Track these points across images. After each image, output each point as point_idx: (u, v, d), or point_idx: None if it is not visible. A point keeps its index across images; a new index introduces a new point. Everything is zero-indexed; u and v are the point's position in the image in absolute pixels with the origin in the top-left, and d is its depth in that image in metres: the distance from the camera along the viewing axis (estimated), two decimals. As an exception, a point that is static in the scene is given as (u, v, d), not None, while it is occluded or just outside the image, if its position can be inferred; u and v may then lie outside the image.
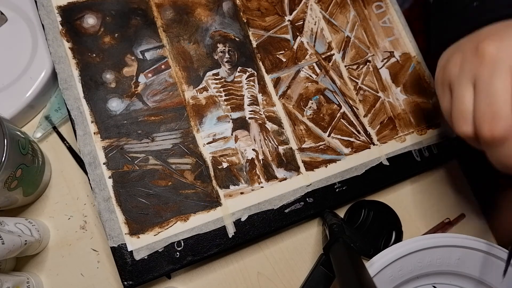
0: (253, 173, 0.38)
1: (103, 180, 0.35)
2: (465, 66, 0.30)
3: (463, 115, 0.29)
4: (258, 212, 0.38)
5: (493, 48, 0.28)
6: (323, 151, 0.41)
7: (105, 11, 0.39)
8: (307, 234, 0.41)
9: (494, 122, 0.27)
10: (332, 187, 0.40)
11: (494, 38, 0.29)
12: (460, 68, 0.30)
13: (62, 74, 0.37)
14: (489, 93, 0.27)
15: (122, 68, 0.38)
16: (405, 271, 0.37)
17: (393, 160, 0.42)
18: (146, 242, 0.35)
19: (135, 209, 0.35)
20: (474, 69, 0.29)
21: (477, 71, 0.28)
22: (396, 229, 0.42)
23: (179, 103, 0.39)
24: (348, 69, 0.44)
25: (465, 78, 0.29)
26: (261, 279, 0.39)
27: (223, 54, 0.41)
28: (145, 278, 0.34)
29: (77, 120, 0.36)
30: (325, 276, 0.38)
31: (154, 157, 0.37)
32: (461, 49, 0.32)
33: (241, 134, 0.39)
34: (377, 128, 0.43)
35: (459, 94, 0.30)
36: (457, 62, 0.31)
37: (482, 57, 0.28)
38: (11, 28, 0.39)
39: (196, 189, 0.37)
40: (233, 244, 0.36)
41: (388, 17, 0.47)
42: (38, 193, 0.38)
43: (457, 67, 0.31)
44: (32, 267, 0.37)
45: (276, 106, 0.41)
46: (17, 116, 0.38)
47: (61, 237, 0.38)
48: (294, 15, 0.44)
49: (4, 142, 0.30)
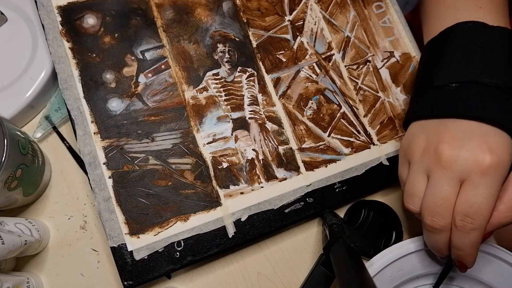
0: (253, 173, 0.39)
1: (103, 180, 0.35)
2: (425, 157, 0.32)
3: (412, 197, 0.33)
4: (258, 212, 0.38)
5: (450, 154, 0.30)
6: (323, 151, 0.41)
7: (105, 11, 0.39)
8: (307, 234, 0.41)
9: (434, 217, 0.31)
10: (332, 187, 0.40)
11: (455, 145, 0.31)
12: (421, 156, 0.33)
13: (62, 74, 0.37)
14: (436, 192, 0.31)
15: (122, 68, 0.38)
16: (405, 271, 0.37)
17: (393, 160, 0.42)
18: (146, 242, 0.35)
19: (135, 209, 0.35)
20: (430, 165, 0.32)
21: (432, 168, 0.31)
22: (396, 229, 0.42)
23: (179, 103, 0.39)
24: (348, 69, 0.44)
25: (421, 168, 0.32)
26: (261, 279, 0.39)
27: (223, 54, 0.41)
28: (145, 278, 0.34)
29: (77, 120, 0.36)
30: (325, 276, 0.38)
31: (154, 157, 0.37)
32: (427, 133, 0.33)
33: (241, 134, 0.39)
34: (377, 128, 0.43)
35: (413, 180, 0.33)
36: (420, 146, 0.33)
37: (439, 159, 0.31)
38: (11, 28, 0.39)
39: (196, 189, 0.37)
40: (233, 244, 0.36)
41: (388, 17, 0.47)
42: (38, 193, 0.38)
43: (419, 152, 0.33)
44: (32, 267, 0.37)
45: (276, 106, 0.41)
46: (17, 116, 0.38)
47: (61, 237, 0.38)
48: (294, 15, 0.44)
49: (4, 142, 0.30)
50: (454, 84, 0.33)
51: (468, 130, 0.31)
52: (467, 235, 0.30)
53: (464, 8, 0.37)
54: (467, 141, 0.31)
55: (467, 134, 0.31)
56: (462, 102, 0.32)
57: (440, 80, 0.34)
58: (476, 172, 0.29)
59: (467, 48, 0.34)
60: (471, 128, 0.31)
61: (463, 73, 0.33)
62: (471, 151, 0.30)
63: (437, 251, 0.34)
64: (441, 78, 0.34)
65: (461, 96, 0.33)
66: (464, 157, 0.30)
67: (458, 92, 0.33)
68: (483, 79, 0.32)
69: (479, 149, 0.30)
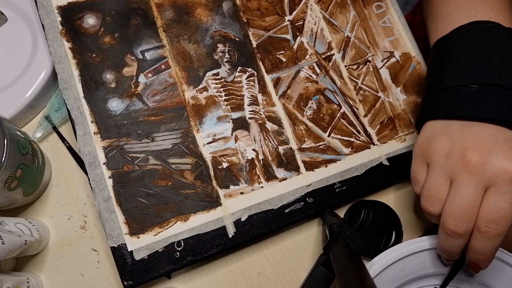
0: (253, 173, 0.38)
1: (103, 180, 0.35)
2: (450, 161, 0.32)
3: (432, 200, 0.33)
4: (258, 212, 0.38)
5: (479, 160, 0.30)
6: (323, 151, 0.41)
7: (105, 11, 0.39)
8: (307, 234, 0.41)
9: (457, 221, 0.31)
10: (332, 187, 0.40)
11: (483, 151, 0.31)
12: (445, 159, 0.32)
13: (62, 74, 0.37)
14: (462, 197, 0.31)
15: (122, 68, 0.38)
16: (407, 272, 0.37)
17: (393, 160, 0.42)
18: (146, 242, 0.35)
19: (135, 209, 0.35)
20: (456, 169, 0.31)
21: (458, 172, 0.31)
22: (396, 229, 0.42)
23: (179, 103, 0.39)
24: (348, 69, 0.44)
25: (445, 171, 0.32)
26: (261, 279, 0.39)
27: (223, 54, 0.41)
28: (145, 278, 0.34)
29: (77, 120, 0.36)
30: (325, 276, 0.38)
31: (154, 157, 0.37)
32: (450, 136, 0.33)
33: (241, 134, 0.39)
34: (377, 128, 0.43)
35: (436, 182, 0.33)
36: (444, 149, 0.33)
37: (467, 163, 0.31)
38: (11, 28, 0.39)
39: (196, 189, 0.37)
40: (233, 244, 0.36)
41: (388, 17, 0.47)
42: (38, 193, 0.38)
43: (443, 155, 0.33)
44: (32, 267, 0.37)
45: (276, 106, 0.41)
46: (17, 116, 0.38)
47: (61, 237, 0.38)
48: (294, 15, 0.44)
49: (4, 142, 0.30)
50: (475, 85, 0.33)
51: (494, 135, 0.31)
52: (490, 240, 0.30)
53: (476, 8, 0.36)
54: (495, 147, 0.31)
55: (493, 140, 0.31)
56: (486, 105, 0.32)
57: (459, 80, 0.34)
58: (504, 179, 0.30)
59: (485, 48, 0.33)
60: (496, 133, 0.31)
61: (483, 74, 0.33)
62: (499, 157, 0.30)
63: (449, 255, 0.33)
64: (460, 78, 0.34)
65: (484, 99, 0.32)
66: (493, 164, 0.30)
67: (480, 94, 0.33)
68: (503, 81, 0.32)
69: (506, 156, 0.30)
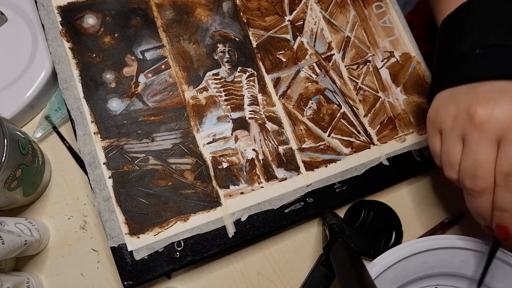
0: (253, 173, 0.38)
1: (103, 180, 0.35)
2: (457, 122, 0.32)
3: (450, 165, 0.33)
4: (258, 212, 0.38)
5: (485, 114, 0.30)
6: (323, 151, 0.41)
7: (105, 11, 0.39)
8: (307, 234, 0.41)
9: (474, 180, 0.30)
10: (332, 187, 0.40)
11: (488, 104, 0.30)
12: (452, 122, 0.32)
13: (62, 74, 0.37)
14: (474, 155, 0.30)
15: (122, 68, 0.38)
16: (409, 272, 0.37)
17: (393, 160, 0.42)
18: (146, 242, 0.35)
19: (135, 209, 0.35)
20: (464, 129, 0.31)
21: (467, 131, 0.31)
22: (396, 229, 0.42)
23: (179, 103, 0.39)
24: (348, 69, 0.44)
25: (455, 133, 0.32)
26: (261, 279, 0.39)
27: (223, 54, 0.41)
28: (145, 278, 0.34)
29: (77, 120, 0.36)
30: (325, 276, 0.38)
31: (154, 157, 0.37)
32: (456, 100, 0.33)
33: (241, 134, 0.39)
34: (377, 128, 0.43)
35: (449, 147, 0.33)
36: (450, 113, 0.33)
37: (473, 120, 0.30)
38: (11, 28, 0.39)
39: (196, 189, 0.37)
40: (233, 244, 0.36)
41: (388, 17, 0.47)
42: (38, 193, 0.38)
43: (450, 119, 0.33)
44: (32, 267, 0.37)
45: (276, 106, 0.41)
46: (17, 116, 0.38)
47: (61, 237, 0.38)
48: (294, 15, 0.44)
49: (4, 142, 0.30)
50: (478, 50, 0.33)
51: (499, 89, 0.31)
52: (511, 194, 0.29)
53: None
54: (500, 99, 0.30)
55: (498, 93, 0.30)
56: (489, 64, 0.32)
57: (463, 48, 0.34)
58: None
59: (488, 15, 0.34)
60: (501, 87, 0.31)
61: (486, 39, 0.33)
62: (505, 108, 0.29)
63: (480, 216, 0.32)
64: (464, 46, 0.34)
65: (487, 59, 0.32)
66: (499, 115, 0.29)
67: (483, 56, 0.32)
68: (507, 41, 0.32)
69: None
